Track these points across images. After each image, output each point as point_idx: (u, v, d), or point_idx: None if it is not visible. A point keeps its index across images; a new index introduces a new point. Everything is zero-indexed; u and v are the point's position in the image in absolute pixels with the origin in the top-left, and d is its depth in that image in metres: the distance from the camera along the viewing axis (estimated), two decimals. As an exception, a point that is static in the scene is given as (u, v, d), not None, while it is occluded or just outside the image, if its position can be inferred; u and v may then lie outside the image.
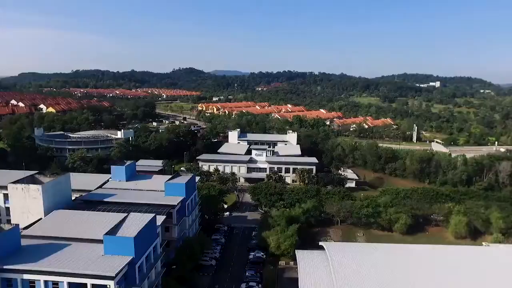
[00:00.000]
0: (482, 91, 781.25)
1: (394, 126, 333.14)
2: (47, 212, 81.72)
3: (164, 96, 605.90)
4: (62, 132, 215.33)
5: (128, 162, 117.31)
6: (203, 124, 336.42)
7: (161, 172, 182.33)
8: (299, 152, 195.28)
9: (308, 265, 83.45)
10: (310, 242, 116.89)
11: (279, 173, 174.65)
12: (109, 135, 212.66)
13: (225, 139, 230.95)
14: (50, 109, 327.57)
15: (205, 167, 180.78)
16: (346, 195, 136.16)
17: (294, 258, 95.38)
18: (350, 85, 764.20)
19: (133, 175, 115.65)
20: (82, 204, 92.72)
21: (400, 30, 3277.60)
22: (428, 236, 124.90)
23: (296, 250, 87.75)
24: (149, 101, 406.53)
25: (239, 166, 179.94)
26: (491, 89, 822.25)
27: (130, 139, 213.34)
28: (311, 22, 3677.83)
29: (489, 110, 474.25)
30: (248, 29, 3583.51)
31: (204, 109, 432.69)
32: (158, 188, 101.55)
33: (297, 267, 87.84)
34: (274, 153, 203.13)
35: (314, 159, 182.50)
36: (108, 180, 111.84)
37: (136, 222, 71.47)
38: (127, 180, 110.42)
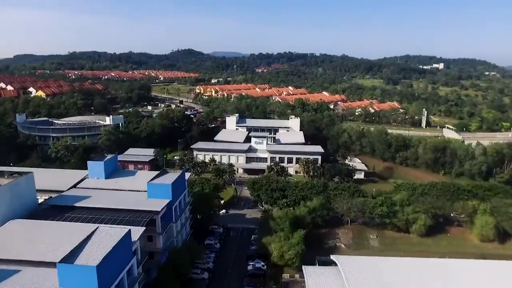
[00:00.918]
0: (487, 73, 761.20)
1: (401, 110, 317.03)
2: (1, 223, 67.01)
3: (162, 78, 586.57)
4: (46, 118, 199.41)
5: (109, 156, 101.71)
6: (200, 108, 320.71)
7: (152, 162, 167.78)
8: (302, 140, 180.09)
9: (318, 283, 69.75)
10: (317, 245, 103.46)
11: (281, 164, 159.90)
12: (97, 121, 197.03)
13: (223, 124, 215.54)
14: (40, 93, 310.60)
15: (200, 156, 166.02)
16: (356, 191, 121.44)
17: (300, 270, 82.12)
18: (352, 67, 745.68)
19: (114, 170, 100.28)
20: (48, 210, 77.73)
21: (403, 10, 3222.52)
22: (450, 238, 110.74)
23: (303, 267, 73.75)
24: (144, 84, 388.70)
25: (237, 156, 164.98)
26: (496, 71, 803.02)
27: (120, 125, 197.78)
28: (311, 1, 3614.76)
29: (497, 93, 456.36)
30: (248, 8, 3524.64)
31: (202, 91, 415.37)
32: (142, 187, 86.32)
33: (303, 281, 74.98)
34: (275, 140, 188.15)
35: (319, 148, 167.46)
36: (85, 178, 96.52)
37: (104, 241, 56.90)
38: (106, 178, 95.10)
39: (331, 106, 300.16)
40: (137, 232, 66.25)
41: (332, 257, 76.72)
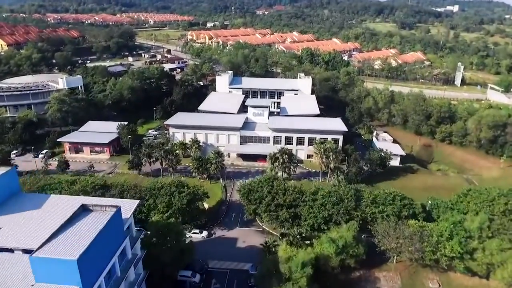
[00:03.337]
0: (507, 16, 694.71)
1: (426, 63, 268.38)
2: None
3: (152, 22, 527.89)
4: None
5: (1, 171, 59.34)
6: (190, 59, 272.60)
7: (115, 143, 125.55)
8: (316, 110, 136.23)
9: None
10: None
11: (288, 146, 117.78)
12: (49, 83, 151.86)
13: (215, 83, 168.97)
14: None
15: (177, 135, 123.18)
16: (406, 205, 79.98)
17: None
18: (362, 9, 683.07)
19: (8, 196, 58.09)
20: None
21: None
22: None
23: None
24: (125, 30, 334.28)
25: (229, 135, 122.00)
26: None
27: (80, 88, 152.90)
28: None
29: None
30: None
31: (194, 37, 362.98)
32: (42, 240, 44.99)
33: None
34: (279, 108, 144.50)
35: (340, 124, 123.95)
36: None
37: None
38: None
39: (345, 57, 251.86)
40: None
41: None
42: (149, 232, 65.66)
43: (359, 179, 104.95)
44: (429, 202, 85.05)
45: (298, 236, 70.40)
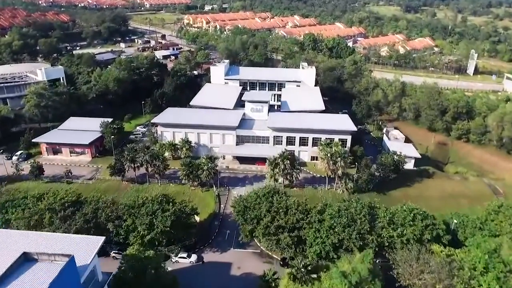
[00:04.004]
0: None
1: (436, 49, 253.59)
2: None
3: (147, 5, 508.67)
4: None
5: None
6: (186, 45, 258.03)
7: (97, 143, 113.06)
8: (321, 106, 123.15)
9: None
10: None
11: (291, 147, 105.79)
12: (28, 74, 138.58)
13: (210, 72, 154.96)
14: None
15: (167, 134, 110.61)
16: (428, 226, 68.06)
17: None
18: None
19: None
20: None
21: None
22: None
23: None
24: (118, 14, 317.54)
25: (223, 135, 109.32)
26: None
27: (62, 80, 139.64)
28: None
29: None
30: None
31: (191, 22, 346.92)
32: None
33: None
34: (280, 102, 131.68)
35: (348, 122, 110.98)
36: None
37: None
38: None
39: (350, 44, 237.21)
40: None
41: None
42: (123, 267, 54.08)
43: (370, 188, 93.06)
44: (454, 220, 72.91)
45: (303, 269, 58.64)
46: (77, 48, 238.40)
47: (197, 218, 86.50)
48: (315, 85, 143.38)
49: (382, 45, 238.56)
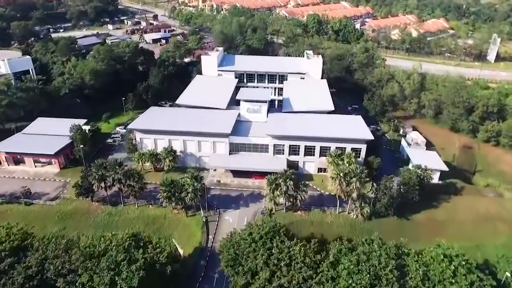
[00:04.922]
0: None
1: (450, 32, 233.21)
2: None
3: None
4: None
5: None
6: (178, 27, 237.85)
7: (66, 150, 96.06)
8: (330, 105, 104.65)
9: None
10: None
11: (294, 156, 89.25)
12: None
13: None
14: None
15: (147, 142, 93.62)
16: (476, 286, 52.04)
17: None
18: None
19: None
20: None
21: None
22: None
23: None
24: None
25: (214, 142, 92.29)
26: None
27: (30, 72, 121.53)
28: None
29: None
30: None
31: (186, 0, 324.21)
32: None
33: None
34: (281, 94, 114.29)
35: (363, 128, 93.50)
36: None
37: None
38: None
39: (357, 26, 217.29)
40: None
41: None
42: None
43: (390, 213, 76.88)
44: (507, 274, 56.80)
45: None
46: (61, 30, 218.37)
47: (181, 251, 71.34)
48: (322, 77, 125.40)
49: (393, 27, 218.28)
